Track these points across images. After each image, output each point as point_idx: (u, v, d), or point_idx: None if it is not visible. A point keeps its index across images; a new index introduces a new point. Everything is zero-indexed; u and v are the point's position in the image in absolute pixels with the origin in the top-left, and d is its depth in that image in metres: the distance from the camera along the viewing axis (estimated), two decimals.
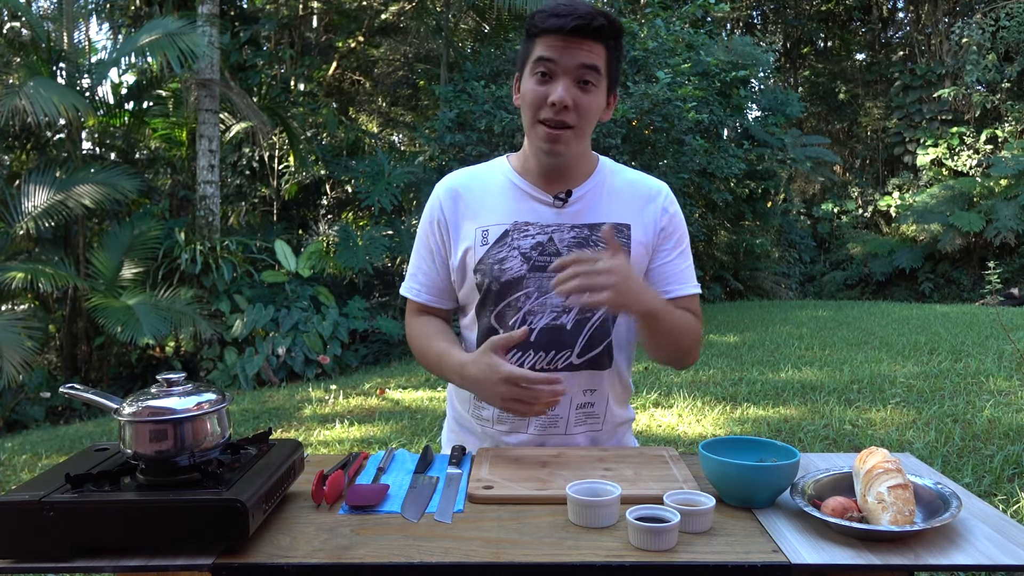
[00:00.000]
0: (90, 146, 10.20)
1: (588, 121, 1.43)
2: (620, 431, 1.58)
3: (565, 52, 1.37)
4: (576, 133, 1.41)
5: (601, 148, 8.63)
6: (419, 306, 1.58)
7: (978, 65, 15.06)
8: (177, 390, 1.12)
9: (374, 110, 17.19)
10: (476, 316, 1.51)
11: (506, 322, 1.46)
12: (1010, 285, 13.84)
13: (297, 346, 8.16)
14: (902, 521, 1.04)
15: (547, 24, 1.37)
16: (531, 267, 1.44)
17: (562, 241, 1.45)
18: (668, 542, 1.02)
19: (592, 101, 1.41)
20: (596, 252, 1.31)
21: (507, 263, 1.45)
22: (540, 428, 1.49)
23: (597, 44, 1.38)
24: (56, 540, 1.00)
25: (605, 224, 1.40)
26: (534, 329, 1.44)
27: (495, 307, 1.47)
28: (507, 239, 1.46)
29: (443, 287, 1.55)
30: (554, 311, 1.45)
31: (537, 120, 1.41)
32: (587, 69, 1.38)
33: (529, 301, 1.45)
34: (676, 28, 9.70)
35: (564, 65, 1.37)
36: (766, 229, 14.88)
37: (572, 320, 1.45)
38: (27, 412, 7.36)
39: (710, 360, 6.47)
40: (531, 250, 1.45)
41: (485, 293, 1.47)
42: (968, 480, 3.27)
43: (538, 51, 1.39)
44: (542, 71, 1.39)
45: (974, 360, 5.86)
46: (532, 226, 1.46)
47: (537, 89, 1.39)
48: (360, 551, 1.03)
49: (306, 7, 13.54)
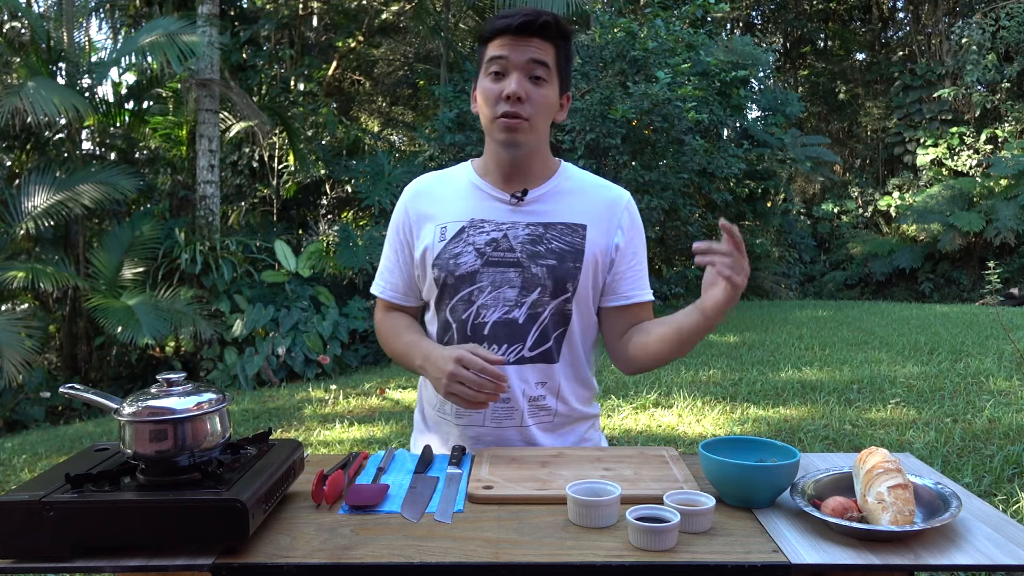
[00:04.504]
0: (90, 146, 10.21)
1: (542, 115, 1.47)
2: (580, 427, 1.59)
3: (515, 49, 1.44)
4: (532, 125, 1.46)
5: (601, 148, 8.64)
6: (387, 303, 1.64)
7: (978, 65, 15.05)
8: (177, 390, 1.12)
9: (374, 110, 17.20)
10: (435, 311, 1.56)
11: (459, 315, 1.51)
12: (1010, 285, 13.84)
13: (297, 346, 8.16)
14: (902, 521, 1.04)
15: (496, 25, 1.45)
16: (485, 262, 1.49)
17: (516, 238, 1.49)
18: (668, 542, 1.02)
19: (544, 95, 1.46)
20: (719, 245, 1.31)
21: (462, 258, 1.49)
22: (496, 421, 1.51)
23: (545, 42, 1.45)
24: (56, 540, 1.00)
25: (722, 219, 1.39)
26: (487, 323, 1.49)
27: (451, 301, 1.51)
28: (463, 235, 1.51)
29: (409, 286, 1.61)
30: (506, 305, 1.49)
31: (496, 116, 1.46)
32: (537, 64, 1.44)
33: (482, 295, 1.49)
34: (676, 28, 9.69)
35: (514, 61, 1.44)
36: (766, 229, 14.87)
37: (524, 314, 1.49)
38: (27, 412, 7.36)
39: (710, 360, 6.47)
40: (485, 246, 1.49)
41: (442, 287, 1.51)
42: (968, 480, 3.27)
43: (490, 52, 1.46)
44: (495, 70, 1.45)
45: (974, 360, 5.86)
46: (488, 223, 1.51)
47: (492, 87, 1.46)
48: (360, 551, 1.03)
49: (306, 7, 13.55)
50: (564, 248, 1.49)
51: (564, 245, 1.50)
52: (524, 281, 1.48)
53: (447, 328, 1.52)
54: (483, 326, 1.49)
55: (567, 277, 1.49)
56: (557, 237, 1.50)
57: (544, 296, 1.48)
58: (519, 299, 1.48)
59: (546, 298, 1.49)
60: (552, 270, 1.48)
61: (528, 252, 1.48)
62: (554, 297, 1.49)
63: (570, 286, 1.49)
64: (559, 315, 1.51)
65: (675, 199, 9.46)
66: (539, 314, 1.49)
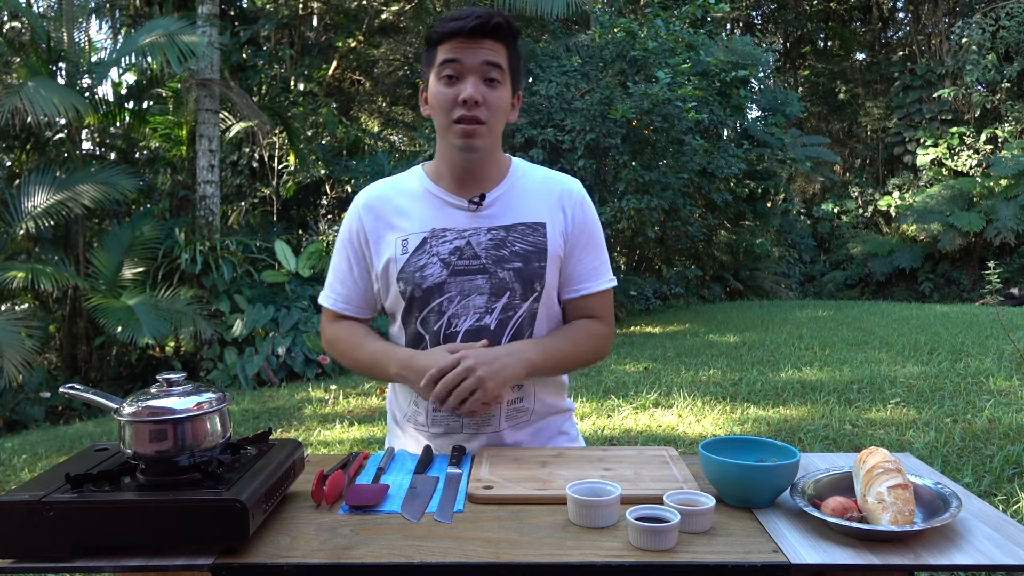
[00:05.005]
0: (90, 146, 10.21)
1: (498, 118, 1.47)
2: (557, 420, 1.61)
3: (468, 52, 1.42)
4: (489, 128, 1.45)
5: (601, 148, 8.64)
6: (336, 315, 1.60)
7: (978, 65, 15.05)
8: (177, 390, 1.12)
9: (374, 110, 17.20)
10: (403, 323, 1.54)
11: (430, 327, 1.49)
12: (1010, 285, 13.84)
13: (297, 346, 8.15)
14: (902, 521, 1.04)
15: (448, 28, 1.42)
16: (451, 272, 1.47)
17: (479, 244, 1.48)
18: (668, 542, 1.02)
19: (499, 97, 1.45)
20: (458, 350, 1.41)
21: (427, 270, 1.48)
22: (473, 427, 1.51)
23: (497, 43, 1.44)
24: (56, 540, 1.00)
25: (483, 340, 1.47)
26: (459, 332, 1.48)
27: (420, 313, 1.50)
28: (426, 246, 1.49)
29: (361, 298, 1.58)
30: (477, 312, 1.48)
31: (452, 121, 1.44)
32: (491, 66, 1.43)
33: (452, 305, 1.48)
34: (676, 28, 9.69)
35: (469, 64, 1.42)
36: (766, 229, 14.86)
37: (495, 320, 1.48)
38: (27, 412, 7.36)
39: (710, 360, 6.47)
40: (450, 255, 1.48)
41: (409, 300, 1.50)
42: (968, 480, 3.27)
43: (442, 55, 1.44)
44: (449, 73, 1.43)
45: (974, 360, 5.86)
46: (449, 232, 1.49)
47: (446, 91, 1.43)
48: (360, 551, 1.03)
49: (306, 7, 13.55)
50: (528, 249, 1.49)
51: (527, 246, 1.49)
52: (492, 287, 1.47)
53: (419, 340, 1.51)
54: (455, 335, 1.48)
55: (534, 277, 1.48)
56: (519, 238, 1.50)
57: (514, 299, 1.48)
58: (489, 305, 1.48)
59: (516, 301, 1.48)
60: (519, 273, 1.47)
61: (493, 257, 1.48)
62: (524, 299, 1.49)
63: (538, 285, 1.49)
64: (530, 316, 1.51)
65: (675, 199, 9.46)
66: (510, 318, 1.49)
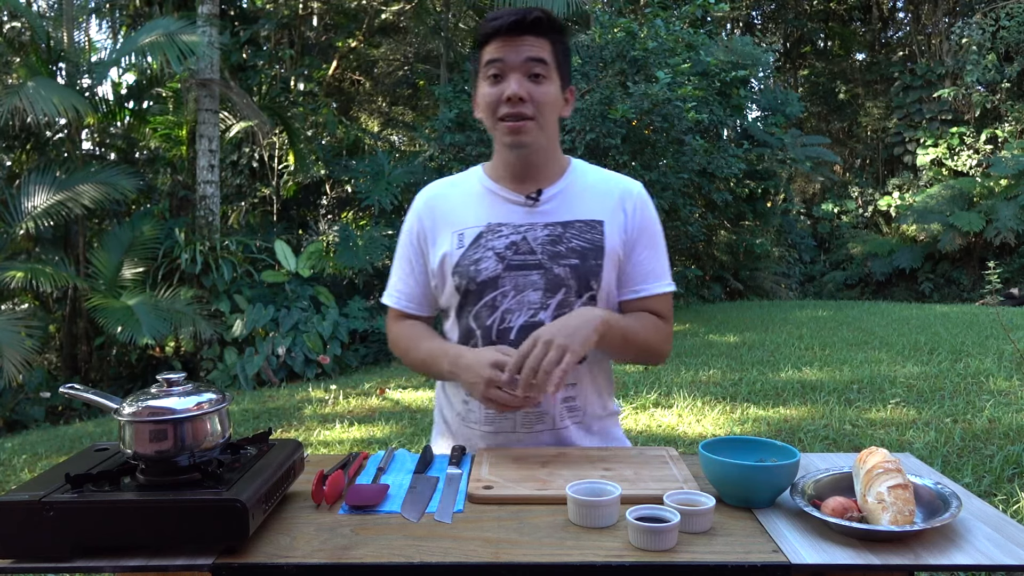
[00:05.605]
0: (90, 146, 10.20)
1: (546, 113, 1.46)
2: (606, 423, 1.59)
3: (510, 49, 1.43)
4: (538, 124, 1.45)
5: (601, 148, 8.63)
6: (400, 313, 1.61)
7: (978, 65, 15.05)
8: (177, 390, 1.12)
9: (374, 110, 17.20)
10: (456, 318, 1.54)
11: (483, 322, 1.48)
12: (1010, 285, 13.84)
13: (297, 346, 8.15)
14: (902, 521, 1.04)
15: (488, 27, 1.44)
16: (506, 266, 1.47)
17: (536, 239, 1.48)
18: (668, 542, 1.02)
19: (545, 92, 1.45)
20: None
21: (482, 263, 1.47)
22: (527, 426, 1.49)
23: (539, 38, 1.44)
24: (56, 540, 1.00)
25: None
26: (512, 328, 1.47)
27: (473, 307, 1.49)
28: (481, 240, 1.49)
29: (423, 295, 1.59)
30: (531, 308, 1.47)
31: (498, 119, 1.45)
32: (534, 62, 1.43)
33: (506, 300, 1.47)
34: (676, 28, 9.68)
35: (511, 62, 1.43)
36: (766, 229, 14.86)
37: (549, 316, 1.46)
38: (27, 412, 7.36)
39: (710, 360, 6.47)
40: (506, 250, 1.47)
41: (464, 294, 1.49)
42: (968, 480, 3.27)
43: (487, 56, 1.45)
44: (493, 73, 1.44)
45: (974, 360, 5.86)
46: (505, 226, 1.49)
47: (491, 91, 1.45)
48: (360, 551, 1.03)
49: (306, 7, 13.55)
50: (585, 246, 1.48)
51: (584, 243, 1.48)
52: (547, 283, 1.46)
53: (470, 335, 1.50)
54: (509, 331, 1.46)
55: (591, 275, 1.47)
56: (576, 235, 1.48)
57: (569, 296, 1.46)
58: (544, 301, 1.46)
59: (571, 298, 1.47)
60: (575, 269, 1.46)
61: (549, 253, 1.47)
62: (579, 296, 1.47)
63: (594, 283, 1.47)
64: None
65: (675, 199, 9.46)
66: (564, 315, 1.46)
